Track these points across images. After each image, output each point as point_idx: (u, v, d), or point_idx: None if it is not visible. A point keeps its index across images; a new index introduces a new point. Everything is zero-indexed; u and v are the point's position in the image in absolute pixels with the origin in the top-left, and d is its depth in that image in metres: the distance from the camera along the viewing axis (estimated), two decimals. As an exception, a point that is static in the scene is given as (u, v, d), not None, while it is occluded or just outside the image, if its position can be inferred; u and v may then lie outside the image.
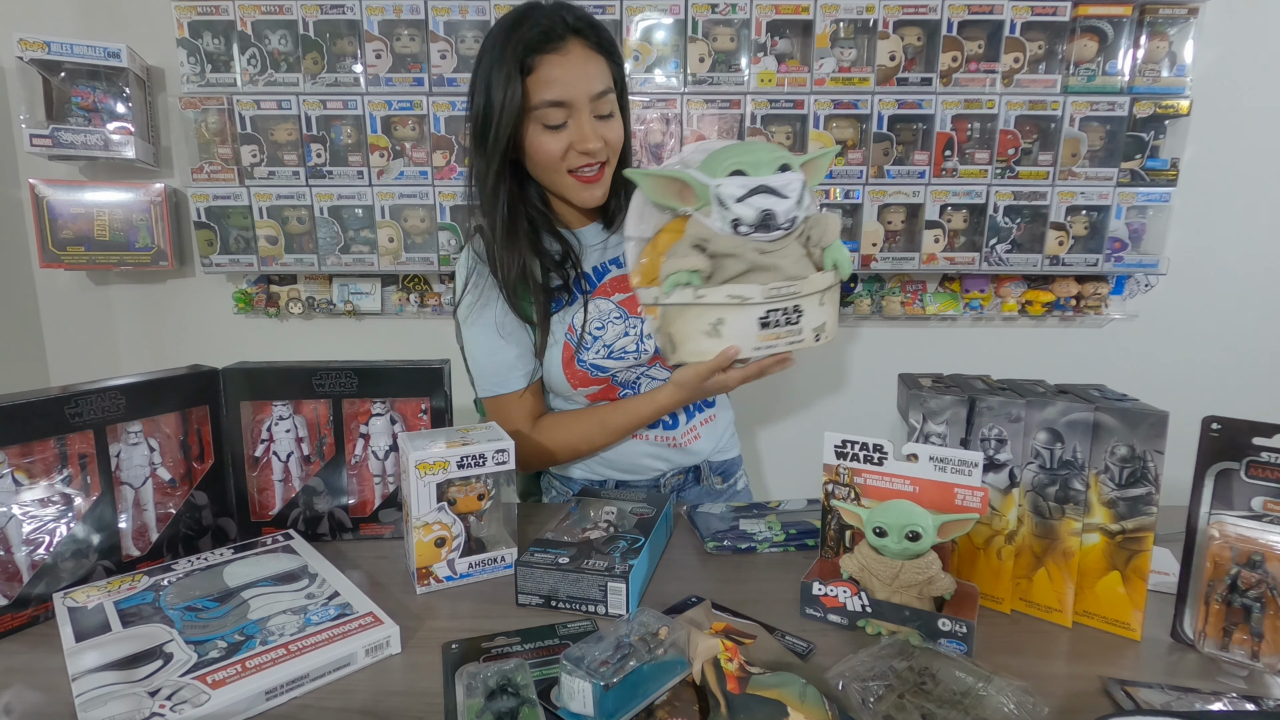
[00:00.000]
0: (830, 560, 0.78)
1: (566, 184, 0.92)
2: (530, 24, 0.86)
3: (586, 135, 0.88)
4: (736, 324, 0.75)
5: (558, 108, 0.87)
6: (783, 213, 0.72)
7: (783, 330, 0.75)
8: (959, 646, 0.65)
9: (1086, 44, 1.57)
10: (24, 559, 0.71)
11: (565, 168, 0.91)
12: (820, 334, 0.77)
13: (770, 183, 0.73)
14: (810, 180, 0.76)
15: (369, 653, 0.65)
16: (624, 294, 0.99)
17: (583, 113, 0.88)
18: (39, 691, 0.61)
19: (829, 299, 0.77)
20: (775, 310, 0.74)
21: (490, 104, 0.86)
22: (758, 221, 0.72)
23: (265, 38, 1.58)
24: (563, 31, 0.86)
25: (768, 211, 0.72)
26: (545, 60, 0.85)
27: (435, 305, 1.74)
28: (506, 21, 0.88)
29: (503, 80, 0.85)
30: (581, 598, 0.72)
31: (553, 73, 0.85)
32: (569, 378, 0.98)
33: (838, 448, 0.74)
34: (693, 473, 1.09)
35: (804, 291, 0.74)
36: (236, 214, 1.64)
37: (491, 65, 0.86)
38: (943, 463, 0.69)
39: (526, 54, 0.85)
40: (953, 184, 1.60)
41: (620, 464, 1.06)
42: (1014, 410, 0.71)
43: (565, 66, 0.86)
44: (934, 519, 0.68)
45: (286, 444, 0.89)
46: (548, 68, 0.85)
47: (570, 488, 1.10)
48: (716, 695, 0.57)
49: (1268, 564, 0.62)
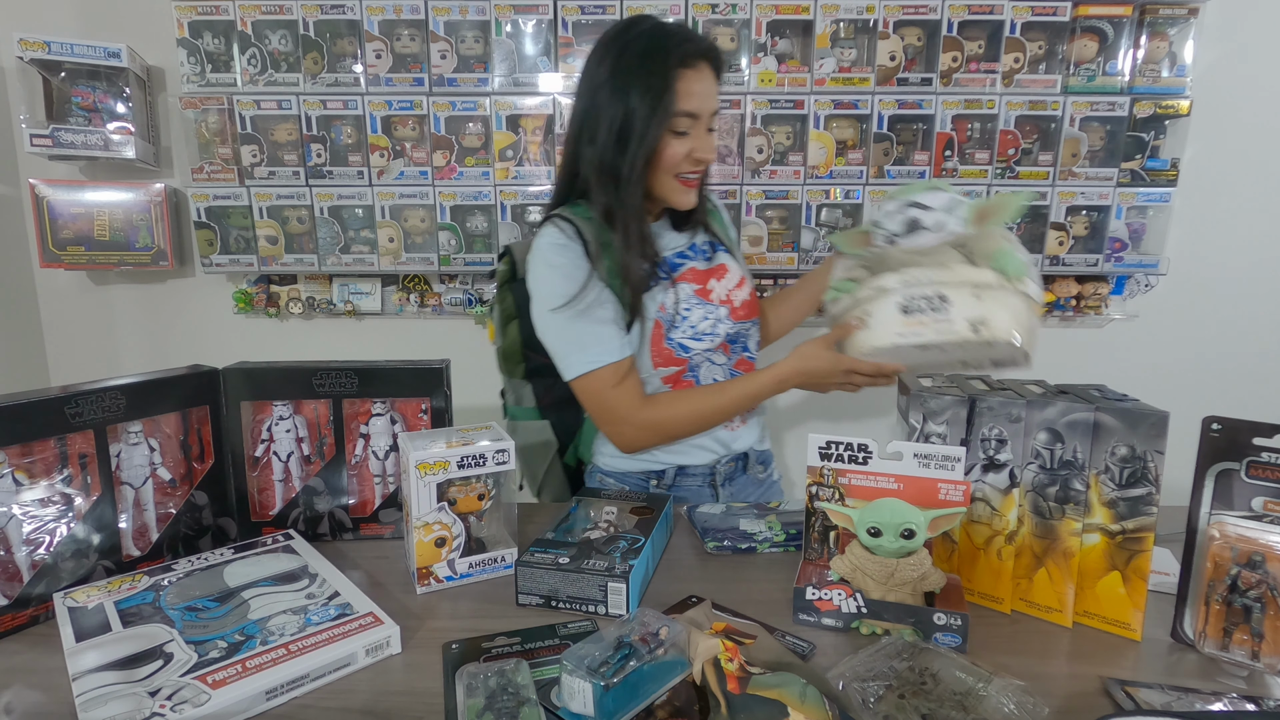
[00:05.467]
0: (815, 562, 0.78)
1: (673, 186, 1.00)
2: (676, 41, 0.95)
3: (707, 146, 1.00)
4: (880, 313, 0.83)
5: (688, 118, 0.96)
6: (929, 220, 0.80)
7: (927, 317, 0.80)
8: (954, 639, 0.65)
9: (1086, 44, 1.57)
10: (24, 559, 0.71)
11: (676, 171, 0.99)
12: (980, 327, 0.79)
13: (917, 198, 0.82)
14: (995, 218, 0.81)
15: (369, 653, 0.65)
16: (697, 284, 1.05)
17: (704, 125, 0.99)
18: (39, 691, 0.61)
19: (990, 296, 0.79)
20: (915, 297, 0.80)
21: (636, 108, 0.94)
22: (904, 229, 0.82)
23: (265, 38, 1.58)
24: (702, 53, 0.97)
25: (913, 219, 0.81)
26: (686, 75, 0.95)
27: (435, 305, 1.74)
28: (640, 38, 0.96)
29: (656, 88, 0.94)
30: (581, 598, 0.72)
31: (692, 87, 0.95)
32: (654, 355, 1.02)
33: (822, 449, 0.74)
34: (741, 460, 1.12)
35: (945, 279, 0.79)
36: (236, 214, 1.64)
37: (634, 76, 0.94)
38: (926, 459, 0.69)
39: (676, 67, 0.94)
40: (953, 184, 1.60)
41: (678, 447, 1.08)
42: (1014, 410, 0.71)
43: (701, 82, 0.96)
44: (925, 515, 0.68)
45: (287, 444, 0.89)
46: (687, 82, 0.95)
47: (624, 482, 1.10)
48: (717, 695, 0.57)
49: (1268, 564, 0.62)
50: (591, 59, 0.99)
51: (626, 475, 1.10)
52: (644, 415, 1.00)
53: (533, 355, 1.09)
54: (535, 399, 1.14)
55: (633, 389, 1.00)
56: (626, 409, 0.99)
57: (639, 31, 0.97)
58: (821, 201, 1.62)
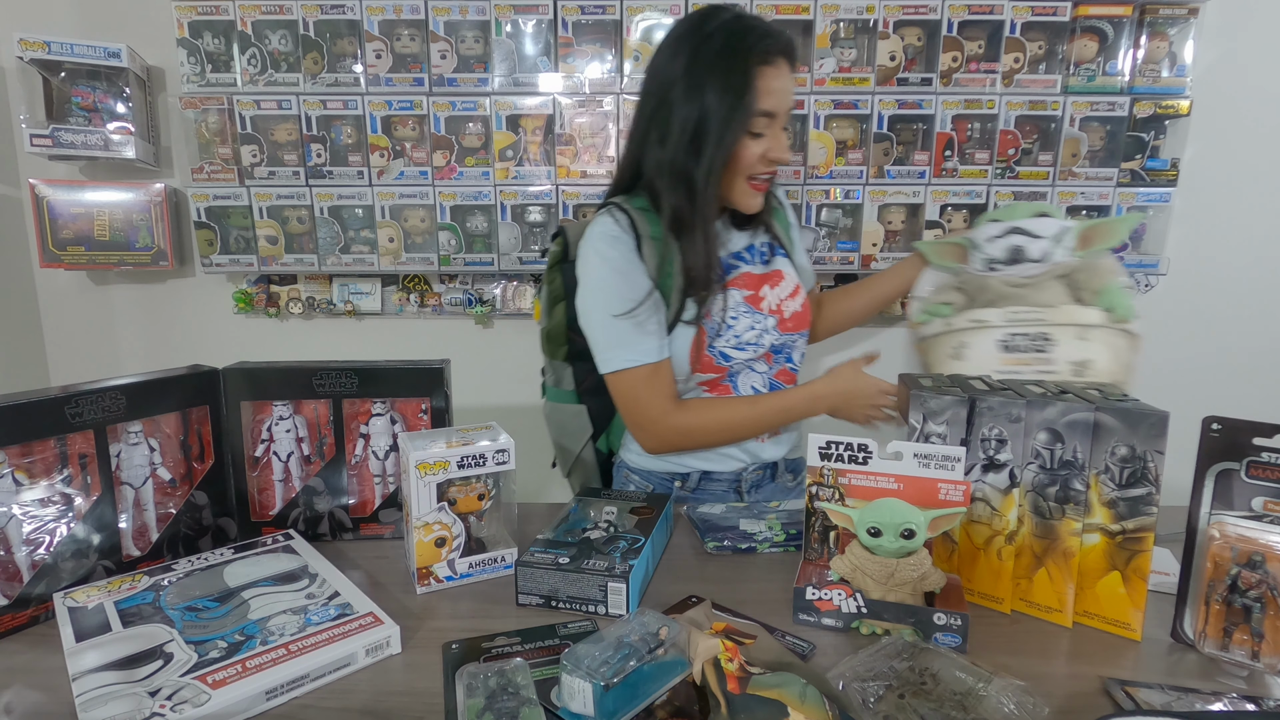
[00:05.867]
0: (815, 562, 0.78)
1: (743, 189, 0.97)
2: (757, 36, 0.91)
3: (782, 146, 0.95)
4: (978, 347, 0.80)
5: (766, 117, 0.92)
6: (1034, 249, 0.78)
7: (1028, 357, 0.78)
8: (954, 639, 0.65)
9: (1086, 44, 1.57)
10: (24, 559, 0.71)
11: (750, 174, 0.96)
12: (1083, 369, 0.77)
13: (1022, 224, 0.79)
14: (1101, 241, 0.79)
15: (369, 653, 0.65)
16: (748, 290, 1.03)
17: (779, 125, 0.95)
18: (39, 691, 0.61)
19: (1098, 337, 0.78)
20: (1017, 334, 0.78)
21: (714, 108, 0.90)
22: (1007, 257, 0.79)
23: (265, 38, 1.58)
24: (781, 48, 0.92)
25: (1017, 247, 0.79)
26: (765, 72, 0.91)
27: (435, 305, 1.74)
28: (718, 32, 0.91)
29: (735, 87, 0.90)
30: (581, 598, 0.72)
31: (771, 84, 0.91)
32: (694, 360, 0.99)
33: (822, 449, 0.74)
34: (770, 469, 1.11)
35: (1051, 319, 0.77)
36: (236, 214, 1.64)
37: (712, 73, 0.90)
38: (926, 459, 0.69)
39: (756, 64, 0.90)
40: (953, 184, 1.60)
41: (708, 455, 1.07)
42: (1014, 410, 0.71)
43: (780, 79, 0.92)
44: (925, 515, 0.68)
45: (287, 444, 0.89)
46: (766, 79, 0.91)
47: (650, 480, 1.10)
48: (717, 695, 0.57)
49: (1268, 564, 0.62)
50: (663, 53, 0.95)
51: (651, 474, 1.10)
52: (673, 420, 0.98)
53: (576, 338, 1.07)
54: (575, 382, 1.12)
55: (665, 391, 0.98)
56: (657, 411, 0.98)
57: (716, 25, 0.92)
58: (821, 201, 1.62)
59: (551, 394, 1.16)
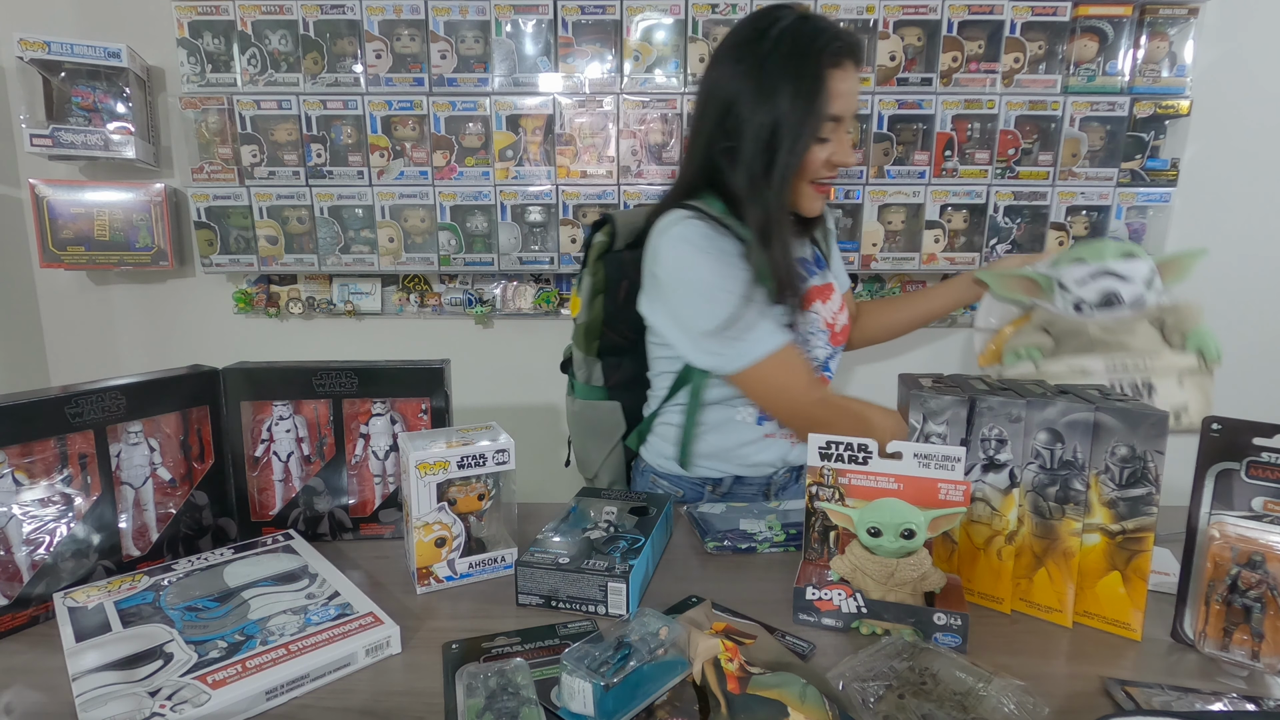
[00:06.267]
0: (815, 562, 0.78)
1: (806, 192, 0.96)
2: (826, 38, 0.88)
3: (847, 150, 0.93)
4: None
5: (833, 121, 0.90)
6: (1128, 294, 0.76)
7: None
8: (954, 639, 0.65)
9: (1086, 44, 1.57)
10: (24, 559, 0.71)
11: (814, 178, 0.94)
12: (1181, 415, 0.76)
13: (1113, 266, 0.77)
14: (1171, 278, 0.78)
15: (369, 653, 0.65)
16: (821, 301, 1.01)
17: (844, 128, 0.92)
18: (39, 691, 0.61)
19: (1192, 382, 0.77)
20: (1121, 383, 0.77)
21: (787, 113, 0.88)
22: (1100, 301, 0.77)
23: (265, 38, 1.58)
24: (849, 49, 0.90)
25: (1111, 292, 0.77)
26: (835, 75, 0.89)
27: (435, 305, 1.74)
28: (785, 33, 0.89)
29: (808, 91, 0.87)
30: (581, 598, 0.72)
31: (839, 87, 0.89)
32: None
33: (822, 449, 0.74)
34: (796, 472, 1.11)
35: (1154, 366, 0.76)
36: (236, 214, 1.64)
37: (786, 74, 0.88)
38: (926, 459, 0.69)
39: (826, 67, 0.88)
40: (953, 184, 1.60)
41: (742, 458, 1.06)
42: (1014, 410, 0.71)
43: (847, 82, 0.90)
44: (925, 515, 0.68)
45: (287, 444, 0.89)
46: (835, 82, 0.89)
47: (678, 486, 1.08)
48: (717, 695, 0.57)
49: (1268, 564, 0.62)
50: (727, 58, 0.92)
51: (681, 480, 1.08)
52: (818, 393, 0.94)
53: (609, 333, 1.06)
54: (604, 378, 1.11)
55: (806, 367, 0.95)
56: (804, 385, 0.94)
57: (783, 29, 0.90)
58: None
59: (582, 391, 1.13)
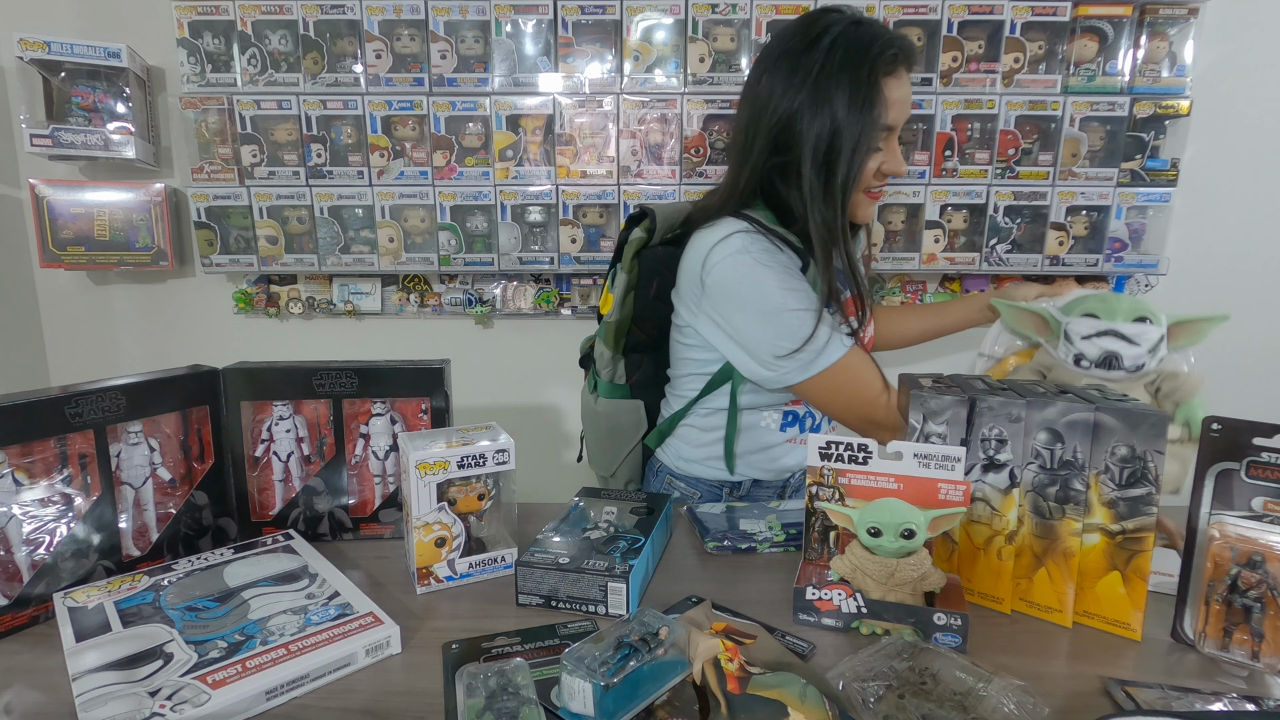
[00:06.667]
0: (815, 562, 0.78)
1: (861, 200, 0.95)
2: (881, 46, 0.87)
3: (898, 159, 0.92)
4: None
5: (886, 130, 0.89)
6: (1129, 358, 0.76)
7: None
8: (954, 639, 0.65)
9: (1086, 44, 1.57)
10: (24, 559, 0.71)
11: (865, 186, 0.93)
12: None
13: (1121, 328, 0.77)
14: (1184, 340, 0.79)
15: (369, 653, 0.65)
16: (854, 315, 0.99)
17: (895, 137, 0.91)
18: (39, 691, 0.61)
19: (1176, 452, 0.78)
20: None
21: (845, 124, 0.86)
22: (1100, 360, 0.78)
23: (265, 38, 1.58)
24: (904, 56, 0.88)
25: (1112, 353, 0.77)
26: (889, 83, 0.87)
27: (435, 305, 1.74)
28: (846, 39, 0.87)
29: (866, 101, 0.86)
30: (581, 598, 0.72)
31: (894, 95, 0.88)
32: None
33: (822, 449, 0.74)
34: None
35: None
36: (236, 214, 1.64)
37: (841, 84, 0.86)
38: (926, 459, 0.69)
39: (882, 75, 0.86)
40: (953, 184, 1.60)
41: (763, 463, 1.07)
42: (1014, 410, 0.71)
43: (902, 89, 0.89)
44: (925, 515, 0.68)
45: (287, 444, 0.89)
46: (890, 91, 0.87)
47: (697, 488, 1.08)
48: (717, 695, 0.57)
49: (1268, 564, 0.62)
50: (779, 69, 0.90)
51: (699, 481, 1.08)
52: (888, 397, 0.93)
53: (636, 330, 1.05)
54: (626, 376, 1.10)
55: (875, 370, 0.94)
56: (878, 389, 0.93)
57: (835, 37, 0.87)
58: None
59: (605, 389, 1.12)
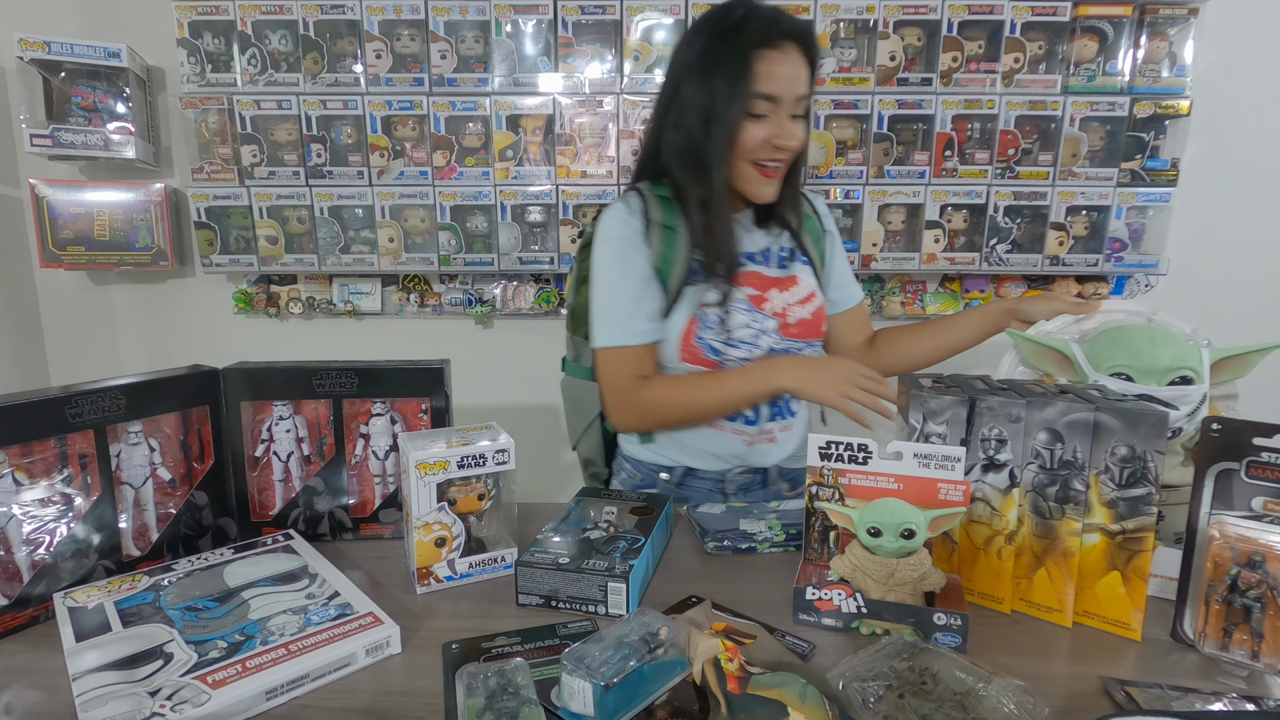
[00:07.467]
0: (815, 562, 0.78)
1: (748, 174, 0.98)
2: (757, 23, 0.93)
3: (786, 131, 0.95)
4: None
5: (767, 101, 0.93)
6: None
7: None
8: (954, 639, 0.65)
9: (1086, 44, 1.57)
10: (24, 559, 0.71)
11: (753, 158, 0.96)
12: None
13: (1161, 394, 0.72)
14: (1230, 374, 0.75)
15: (369, 653, 0.65)
16: (755, 290, 1.02)
17: (785, 110, 0.95)
18: (39, 691, 0.61)
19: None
20: None
21: (718, 91, 0.93)
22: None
23: (265, 38, 1.58)
24: (785, 33, 0.93)
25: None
26: (766, 56, 0.92)
27: (435, 305, 1.74)
28: (727, 20, 0.94)
29: (732, 71, 0.92)
30: (581, 598, 0.72)
31: (772, 69, 0.92)
32: (683, 350, 1.00)
33: (822, 449, 0.74)
34: (761, 475, 1.09)
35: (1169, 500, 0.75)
36: (236, 214, 1.64)
37: (717, 57, 0.93)
38: (926, 459, 0.69)
39: (753, 48, 0.92)
40: (953, 184, 1.60)
41: (694, 448, 1.07)
42: (1014, 410, 0.71)
43: (783, 64, 0.93)
44: (925, 515, 0.68)
45: (287, 444, 0.89)
46: (767, 64, 0.92)
47: (640, 470, 1.11)
48: (716, 695, 0.57)
49: (1268, 564, 0.62)
50: (682, 42, 0.99)
51: (641, 464, 1.11)
52: (638, 396, 1.00)
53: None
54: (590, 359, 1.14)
55: (639, 371, 1.00)
56: (627, 387, 1.00)
57: (713, 19, 0.96)
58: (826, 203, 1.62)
59: (570, 369, 1.18)
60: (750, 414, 1.05)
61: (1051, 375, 0.84)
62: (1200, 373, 0.74)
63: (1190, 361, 0.75)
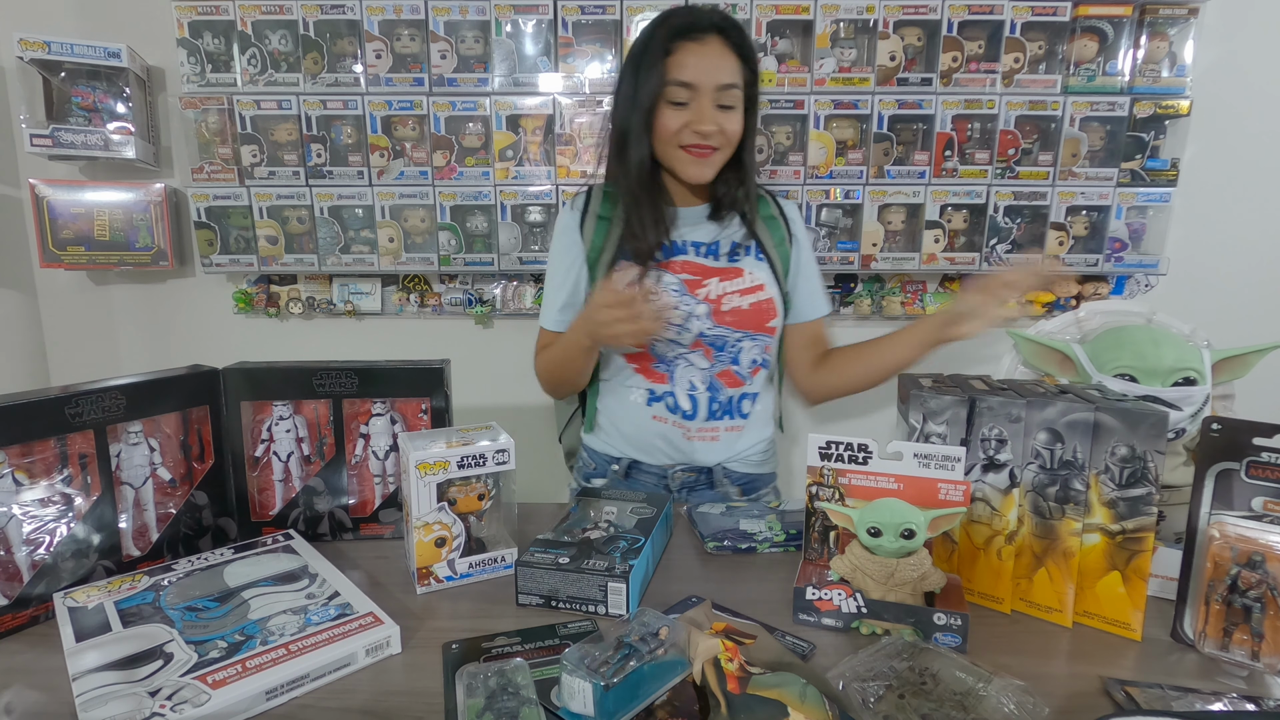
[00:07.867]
0: (815, 562, 0.78)
1: (678, 157, 1.01)
2: (680, 16, 1.00)
3: (703, 117, 0.98)
4: None
5: (684, 88, 0.97)
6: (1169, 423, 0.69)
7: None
8: (954, 639, 0.65)
9: (1086, 44, 1.57)
10: (24, 559, 0.71)
11: (678, 143, 1.00)
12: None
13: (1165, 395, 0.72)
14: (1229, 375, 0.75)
15: (369, 653, 0.65)
16: (691, 275, 1.05)
17: (705, 98, 0.98)
18: (39, 691, 0.61)
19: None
20: None
21: (640, 81, 0.99)
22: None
23: (265, 38, 1.58)
24: (706, 26, 0.98)
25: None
26: (684, 46, 0.97)
27: (435, 305, 1.74)
28: (659, 19, 1.02)
29: (649, 60, 0.98)
30: (581, 598, 0.72)
31: (688, 58, 0.97)
32: None
33: (822, 449, 0.74)
34: (705, 474, 1.10)
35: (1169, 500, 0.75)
36: (236, 214, 1.64)
37: (643, 50, 1.00)
38: (926, 459, 0.69)
39: (672, 39, 0.98)
40: (953, 184, 1.60)
41: (635, 439, 1.11)
42: (1014, 410, 0.71)
43: (700, 54, 0.97)
44: (925, 515, 0.68)
45: (287, 444, 0.89)
46: (684, 53, 0.97)
47: (594, 459, 1.15)
48: (716, 695, 0.57)
49: (1268, 564, 0.62)
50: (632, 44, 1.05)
51: (595, 454, 1.16)
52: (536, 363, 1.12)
53: None
54: None
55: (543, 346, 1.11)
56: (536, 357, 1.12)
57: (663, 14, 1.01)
58: (821, 201, 1.62)
59: None
60: (687, 407, 1.07)
61: (1053, 375, 0.83)
62: (1203, 373, 0.75)
63: (1193, 362, 0.75)
